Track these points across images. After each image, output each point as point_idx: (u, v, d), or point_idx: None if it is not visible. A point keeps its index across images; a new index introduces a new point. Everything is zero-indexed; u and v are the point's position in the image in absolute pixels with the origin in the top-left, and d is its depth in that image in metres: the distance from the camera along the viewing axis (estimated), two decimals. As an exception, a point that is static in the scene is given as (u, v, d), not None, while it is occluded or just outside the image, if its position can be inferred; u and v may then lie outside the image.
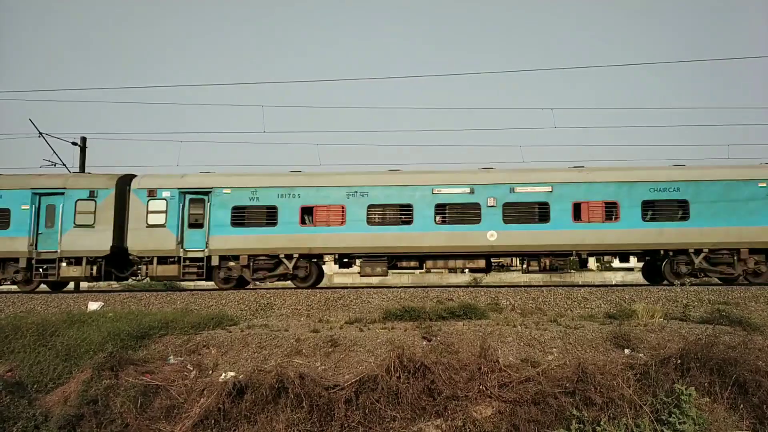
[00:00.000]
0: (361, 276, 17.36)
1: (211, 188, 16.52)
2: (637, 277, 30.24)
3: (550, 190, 16.22)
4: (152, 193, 16.45)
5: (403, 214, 16.34)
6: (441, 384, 8.55)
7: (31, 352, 10.01)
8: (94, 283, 19.70)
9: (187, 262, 16.28)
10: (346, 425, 8.23)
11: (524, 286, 16.02)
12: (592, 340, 9.89)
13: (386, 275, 17.15)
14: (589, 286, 15.24)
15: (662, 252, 16.18)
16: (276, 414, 8.32)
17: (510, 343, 9.86)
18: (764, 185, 15.99)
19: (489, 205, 16.19)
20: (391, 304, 12.84)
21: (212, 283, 17.07)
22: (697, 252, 15.84)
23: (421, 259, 16.85)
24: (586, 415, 7.83)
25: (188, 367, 9.65)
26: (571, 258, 16.96)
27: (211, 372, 9.48)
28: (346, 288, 15.62)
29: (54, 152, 23.40)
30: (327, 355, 9.71)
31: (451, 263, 17.07)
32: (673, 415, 7.53)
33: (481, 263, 16.66)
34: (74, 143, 24.28)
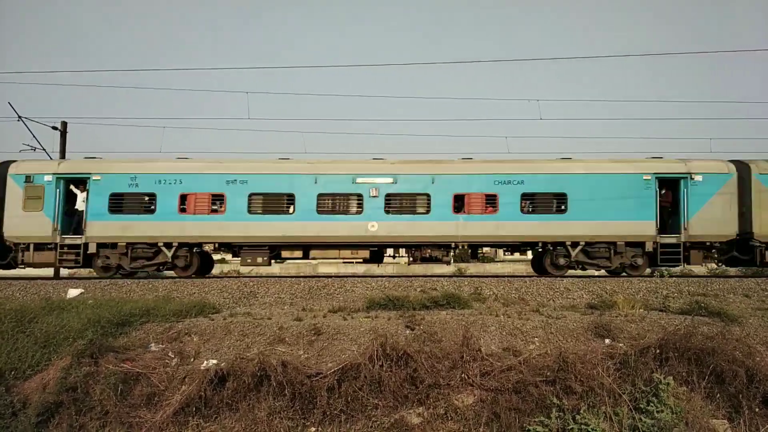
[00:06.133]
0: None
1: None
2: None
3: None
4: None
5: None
6: (423, 372, 8.58)
7: (9, 338, 9.78)
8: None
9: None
10: (328, 413, 8.23)
11: (508, 276, 16.12)
12: (574, 329, 9.99)
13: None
14: (571, 277, 15.39)
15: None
16: (258, 402, 8.30)
17: (492, 332, 9.92)
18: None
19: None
20: (375, 293, 12.82)
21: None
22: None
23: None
24: (566, 403, 7.94)
25: (169, 354, 9.56)
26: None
27: (192, 360, 9.41)
28: (330, 277, 15.58)
29: (34, 136, 23.16)
30: (310, 343, 9.69)
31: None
32: (651, 404, 7.66)
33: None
34: (54, 128, 23.95)
